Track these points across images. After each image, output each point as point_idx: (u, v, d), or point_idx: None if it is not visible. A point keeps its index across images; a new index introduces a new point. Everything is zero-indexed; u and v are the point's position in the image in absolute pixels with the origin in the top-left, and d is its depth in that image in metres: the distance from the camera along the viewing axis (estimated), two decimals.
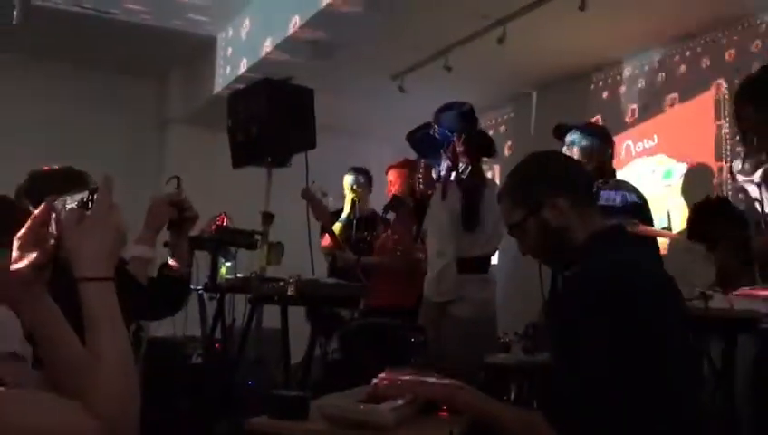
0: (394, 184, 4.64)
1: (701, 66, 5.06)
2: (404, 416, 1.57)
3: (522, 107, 6.60)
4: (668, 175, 5.18)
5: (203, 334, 4.12)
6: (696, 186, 4.82)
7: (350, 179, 4.82)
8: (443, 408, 1.69)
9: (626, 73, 5.67)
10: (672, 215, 4.67)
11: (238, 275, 3.84)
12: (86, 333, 1.12)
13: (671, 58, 5.29)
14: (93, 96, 6.96)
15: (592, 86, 5.92)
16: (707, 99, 4.96)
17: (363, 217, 4.73)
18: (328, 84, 5.08)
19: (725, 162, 4.72)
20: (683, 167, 5.07)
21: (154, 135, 7.37)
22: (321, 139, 3.74)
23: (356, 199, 4.73)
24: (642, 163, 5.41)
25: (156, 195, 2.50)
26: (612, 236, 1.81)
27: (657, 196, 5.11)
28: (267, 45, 5.34)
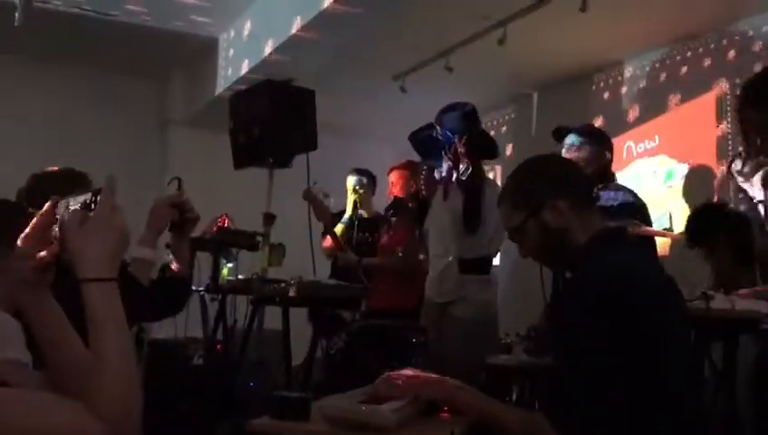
0: (395, 185, 4.64)
1: (702, 67, 5.05)
2: (405, 417, 1.57)
3: (523, 108, 6.61)
4: (670, 176, 5.18)
5: (204, 336, 4.12)
6: (698, 187, 4.82)
7: (353, 180, 4.78)
8: (444, 409, 1.69)
9: (627, 74, 5.67)
10: (673, 216, 4.68)
11: (240, 277, 3.85)
12: (89, 334, 1.12)
13: (672, 59, 5.29)
14: (95, 98, 6.97)
15: (593, 87, 5.92)
16: (709, 99, 4.96)
17: (366, 219, 4.72)
18: (329, 85, 5.09)
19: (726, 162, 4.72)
20: (684, 168, 5.07)
21: (155, 136, 7.37)
22: (322, 140, 3.75)
23: (357, 201, 4.72)
24: (643, 164, 5.41)
25: (158, 197, 2.51)
26: (612, 237, 1.81)
27: (658, 197, 5.11)
28: (269, 47, 5.34)
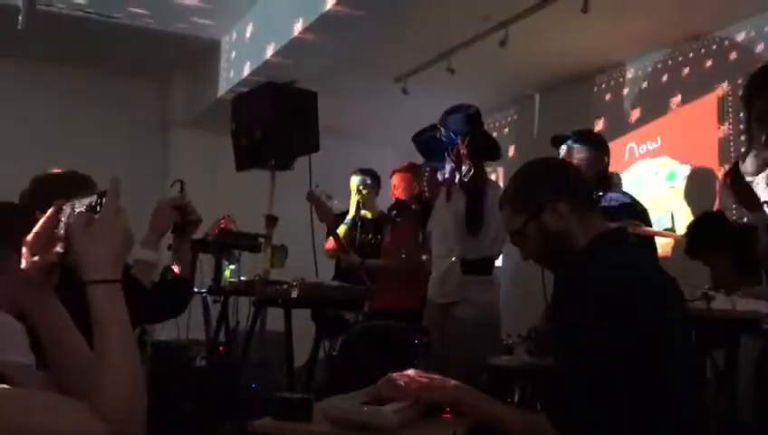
0: (398, 188, 4.64)
1: (704, 68, 5.06)
2: (407, 418, 1.58)
3: (525, 109, 6.61)
4: (672, 177, 5.18)
5: (207, 337, 4.13)
6: (700, 188, 4.82)
7: (357, 180, 4.75)
8: (446, 410, 1.69)
9: (629, 75, 5.67)
10: (675, 217, 4.68)
11: (242, 278, 3.85)
12: (94, 335, 1.12)
13: (674, 60, 5.29)
14: (97, 99, 6.98)
15: (595, 88, 5.92)
16: (711, 101, 4.96)
17: (369, 220, 4.71)
18: (331, 87, 5.09)
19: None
20: (686, 169, 5.07)
21: (158, 138, 7.37)
22: (324, 142, 3.75)
23: (361, 201, 4.71)
24: (645, 165, 5.41)
25: (160, 199, 2.51)
26: (613, 238, 1.81)
27: (660, 198, 5.11)
28: (270, 49, 5.35)
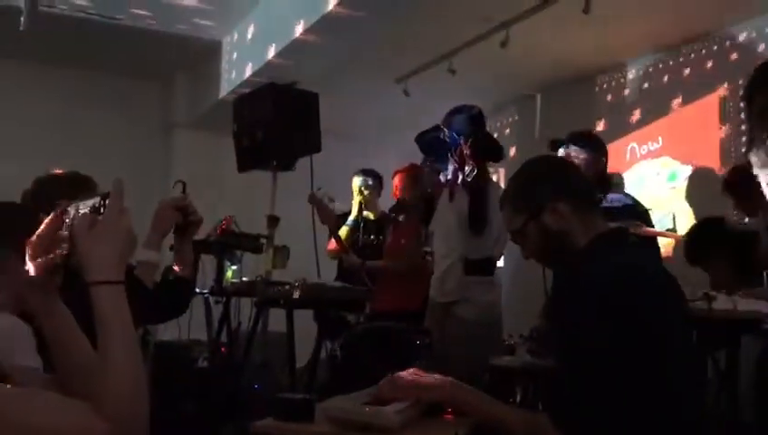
0: (400, 188, 4.64)
1: (705, 69, 5.06)
2: (409, 418, 1.58)
3: (526, 110, 6.61)
4: (673, 177, 5.18)
5: (209, 338, 4.13)
6: (701, 188, 4.83)
7: (359, 181, 4.73)
8: (448, 410, 1.70)
9: (630, 76, 5.68)
10: (677, 217, 4.68)
11: (244, 279, 3.85)
12: (97, 336, 1.13)
13: (675, 60, 5.29)
14: (100, 101, 6.99)
15: (596, 88, 5.92)
16: (712, 101, 4.96)
17: (371, 221, 4.71)
18: (332, 88, 5.10)
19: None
20: (688, 169, 5.07)
21: (160, 139, 7.38)
22: (325, 142, 3.76)
23: (363, 202, 4.70)
24: (647, 165, 5.41)
25: (162, 199, 2.52)
26: (615, 238, 1.81)
27: (661, 198, 5.11)
28: (272, 50, 5.36)
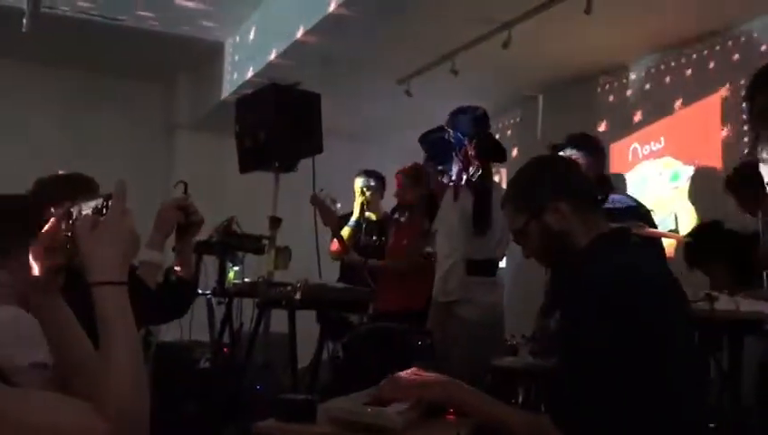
0: (402, 189, 4.63)
1: (707, 69, 5.05)
2: (411, 419, 1.58)
3: (528, 110, 6.61)
4: (676, 177, 5.18)
5: (211, 339, 4.13)
6: (704, 188, 4.82)
7: (361, 182, 4.75)
8: (449, 411, 1.69)
9: (632, 77, 5.67)
10: (679, 217, 4.67)
11: (246, 280, 3.86)
12: (99, 336, 1.14)
13: (678, 61, 5.28)
14: (102, 102, 7.00)
15: (599, 89, 5.92)
16: (714, 101, 4.95)
17: (374, 222, 4.70)
18: (334, 89, 5.09)
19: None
20: (690, 169, 5.06)
21: (162, 140, 7.39)
22: (327, 143, 3.76)
23: (364, 203, 4.70)
24: (649, 166, 5.41)
25: (164, 200, 2.52)
26: (616, 238, 1.81)
27: (664, 198, 5.11)
28: (274, 51, 5.36)
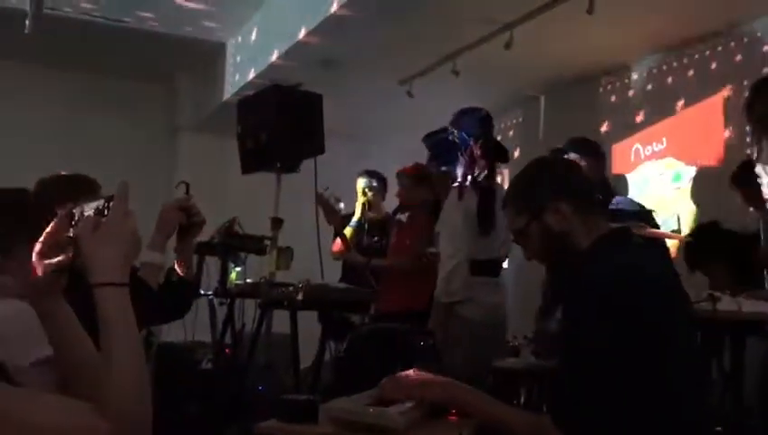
0: (403, 189, 4.62)
1: (710, 69, 5.05)
2: (413, 419, 1.58)
3: (530, 111, 6.60)
4: (678, 178, 5.17)
5: (213, 340, 4.14)
6: (706, 189, 4.81)
7: (363, 182, 4.75)
8: (452, 411, 1.69)
9: (634, 77, 5.66)
10: (681, 218, 4.67)
11: (248, 281, 3.86)
12: (100, 337, 1.14)
13: (680, 61, 5.28)
14: (104, 103, 7.01)
15: (601, 90, 5.91)
16: (716, 102, 4.95)
17: (376, 222, 4.71)
18: (336, 90, 5.09)
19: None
20: (692, 170, 5.06)
21: (164, 141, 7.40)
22: (329, 144, 3.76)
23: (366, 203, 4.70)
24: (651, 166, 5.40)
25: (167, 201, 2.52)
26: (618, 238, 1.80)
27: (666, 199, 5.10)
28: (275, 52, 5.36)
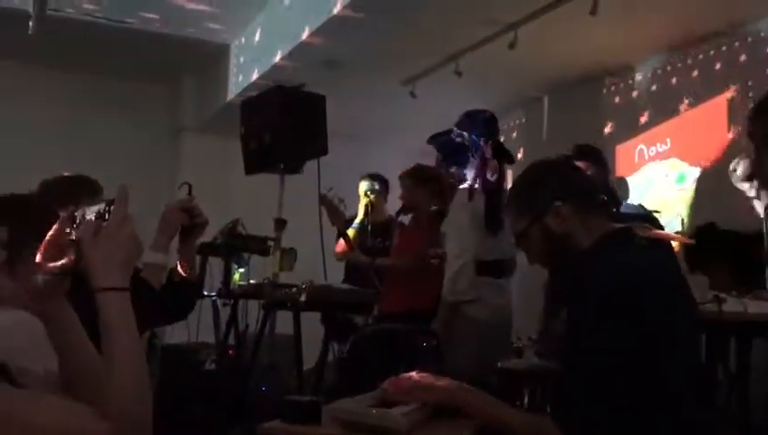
0: (406, 190, 4.61)
1: (714, 70, 5.04)
2: (415, 420, 1.57)
3: (533, 112, 6.60)
4: (682, 179, 5.16)
5: (216, 341, 4.13)
6: (710, 190, 4.80)
7: (366, 185, 4.76)
8: (454, 412, 1.69)
9: (638, 78, 5.66)
10: (685, 219, 4.66)
11: (251, 282, 3.86)
12: (102, 341, 1.15)
13: (684, 62, 5.27)
14: (107, 104, 7.02)
15: (604, 90, 5.91)
16: (720, 103, 4.94)
17: (378, 224, 4.70)
18: (339, 91, 5.08)
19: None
20: (696, 171, 5.05)
21: (167, 142, 7.40)
22: (332, 145, 3.75)
23: (369, 204, 4.70)
24: (655, 167, 5.39)
25: (170, 202, 2.52)
26: (619, 238, 1.79)
27: (670, 200, 5.09)
28: (279, 53, 5.37)
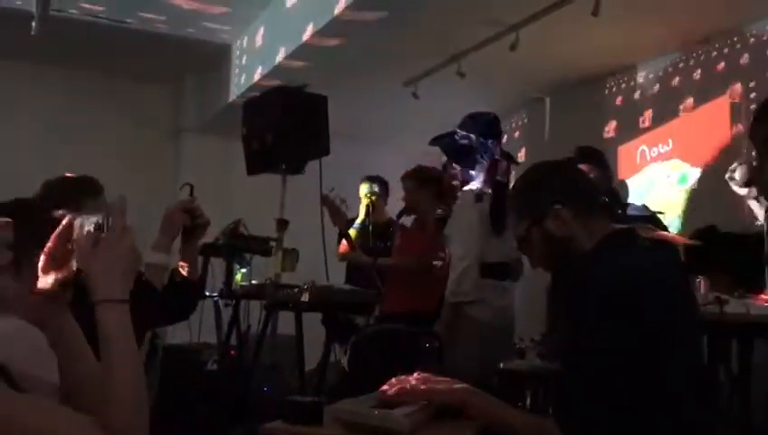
0: (407, 192, 4.61)
1: (716, 70, 5.04)
2: (417, 421, 1.57)
3: (535, 112, 6.60)
4: (684, 180, 5.16)
5: (218, 341, 4.13)
6: (712, 191, 4.80)
7: (366, 188, 4.77)
8: (456, 413, 1.68)
9: (640, 78, 5.65)
10: (686, 220, 4.65)
11: (253, 282, 3.86)
12: (100, 352, 1.17)
13: (686, 62, 5.27)
14: (109, 104, 7.02)
15: (606, 91, 5.91)
16: (723, 103, 4.94)
17: (379, 226, 4.70)
18: (341, 91, 5.09)
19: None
20: (698, 172, 5.05)
21: (169, 143, 7.41)
22: (334, 146, 3.76)
23: (370, 205, 4.70)
24: (657, 168, 5.39)
25: (171, 203, 2.53)
26: (622, 239, 1.79)
27: (672, 201, 5.09)
28: (281, 53, 5.37)
